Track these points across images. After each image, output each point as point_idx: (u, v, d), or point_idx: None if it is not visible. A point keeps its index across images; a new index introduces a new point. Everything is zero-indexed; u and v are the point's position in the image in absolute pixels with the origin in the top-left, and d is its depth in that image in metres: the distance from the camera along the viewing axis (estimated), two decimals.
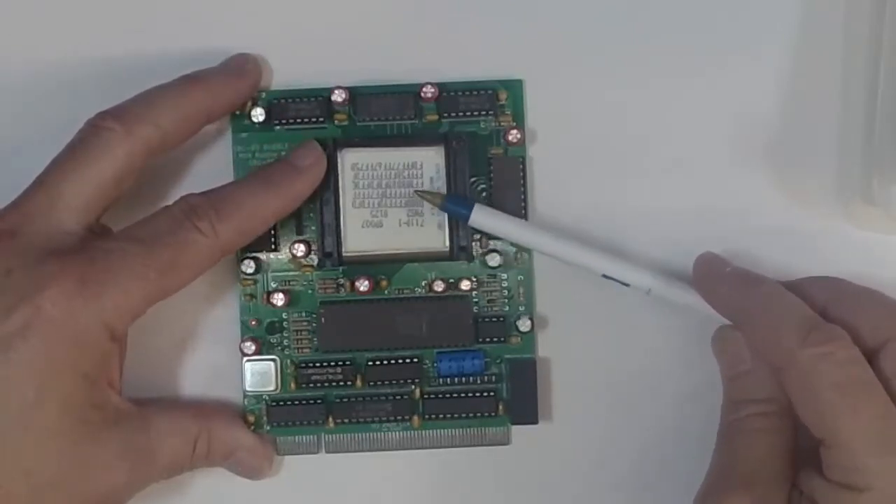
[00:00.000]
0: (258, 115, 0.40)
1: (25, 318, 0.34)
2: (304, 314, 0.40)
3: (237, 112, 0.40)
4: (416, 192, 0.39)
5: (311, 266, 0.40)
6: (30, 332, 0.34)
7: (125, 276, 0.35)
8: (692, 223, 0.40)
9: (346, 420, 0.40)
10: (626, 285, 0.39)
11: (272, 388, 0.40)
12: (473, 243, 0.40)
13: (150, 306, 0.36)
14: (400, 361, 0.40)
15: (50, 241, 0.35)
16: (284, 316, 0.40)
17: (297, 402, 0.40)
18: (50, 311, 0.34)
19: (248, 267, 0.40)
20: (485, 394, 0.40)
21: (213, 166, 0.39)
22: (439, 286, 0.40)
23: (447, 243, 0.40)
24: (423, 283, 0.40)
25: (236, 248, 0.38)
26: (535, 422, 0.40)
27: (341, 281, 0.40)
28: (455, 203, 0.39)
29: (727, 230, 0.40)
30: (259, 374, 0.40)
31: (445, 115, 0.40)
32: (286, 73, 0.40)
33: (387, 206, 0.40)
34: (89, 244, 0.36)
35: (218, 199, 0.37)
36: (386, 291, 0.40)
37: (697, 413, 0.40)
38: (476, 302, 0.40)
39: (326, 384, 0.40)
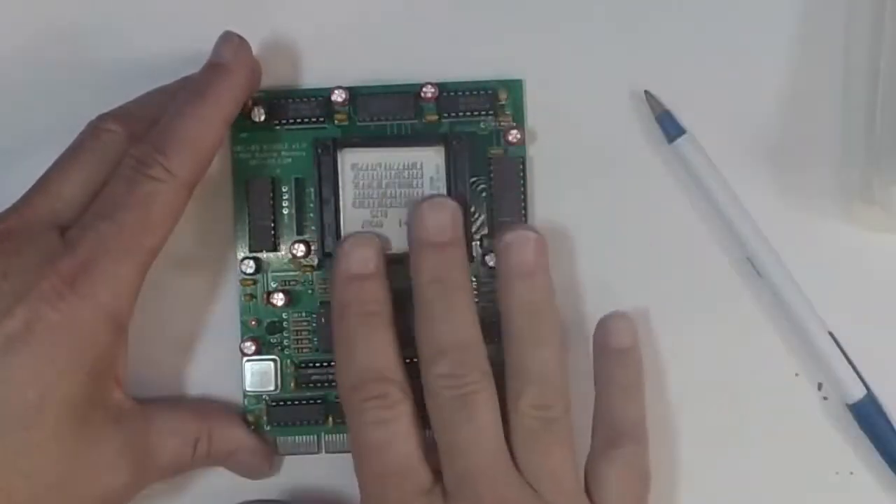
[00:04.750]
0: (258, 114, 0.40)
1: (25, 320, 0.34)
2: (304, 314, 0.40)
3: None
4: (645, 91, 0.40)
5: (311, 266, 0.40)
6: (30, 334, 0.34)
7: (107, 257, 0.35)
8: (692, 223, 0.40)
9: (345, 420, 0.40)
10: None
11: (272, 388, 0.40)
12: (473, 243, 0.40)
13: (145, 273, 0.36)
14: None
15: (49, 243, 0.35)
16: (284, 316, 0.40)
17: (296, 402, 0.40)
18: (48, 313, 0.34)
19: (248, 267, 0.40)
20: None
21: (212, 166, 0.39)
22: None
23: None
24: None
25: (199, 177, 0.37)
26: None
27: None
28: (669, 122, 0.40)
29: (727, 230, 0.40)
30: (259, 374, 0.40)
31: (445, 115, 0.40)
32: (286, 73, 0.40)
33: (387, 206, 0.40)
34: (67, 240, 0.35)
35: (158, 138, 0.36)
36: None
37: (698, 413, 0.40)
38: (476, 302, 0.40)
39: (326, 384, 0.40)
